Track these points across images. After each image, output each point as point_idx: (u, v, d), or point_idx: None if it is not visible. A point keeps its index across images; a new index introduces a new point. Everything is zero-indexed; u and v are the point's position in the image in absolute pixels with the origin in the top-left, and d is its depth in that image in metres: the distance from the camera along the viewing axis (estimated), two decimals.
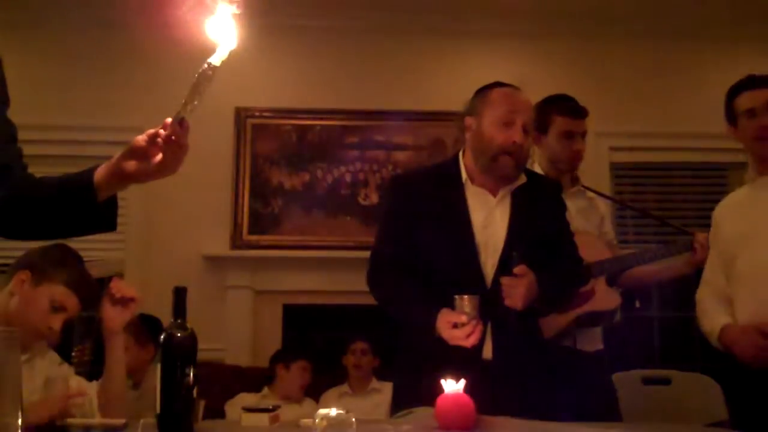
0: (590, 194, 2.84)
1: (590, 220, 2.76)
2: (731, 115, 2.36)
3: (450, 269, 2.11)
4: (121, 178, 1.41)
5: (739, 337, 2.18)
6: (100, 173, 1.41)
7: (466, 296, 1.97)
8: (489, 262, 2.12)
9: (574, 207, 2.70)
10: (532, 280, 2.04)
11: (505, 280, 2.05)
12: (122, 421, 1.86)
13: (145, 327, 3.16)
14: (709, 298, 2.33)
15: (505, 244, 2.13)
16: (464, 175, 2.20)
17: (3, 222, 1.43)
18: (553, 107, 2.69)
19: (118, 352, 2.10)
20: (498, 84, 2.23)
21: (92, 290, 2.16)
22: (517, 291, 2.03)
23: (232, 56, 1.30)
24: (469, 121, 2.21)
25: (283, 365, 3.70)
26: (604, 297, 2.60)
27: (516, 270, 2.03)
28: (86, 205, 1.42)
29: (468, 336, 1.95)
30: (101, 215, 1.44)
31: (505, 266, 2.08)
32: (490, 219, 2.16)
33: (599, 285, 2.61)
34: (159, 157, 1.38)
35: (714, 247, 2.40)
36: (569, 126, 2.65)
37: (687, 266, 2.65)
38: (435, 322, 2.01)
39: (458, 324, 1.96)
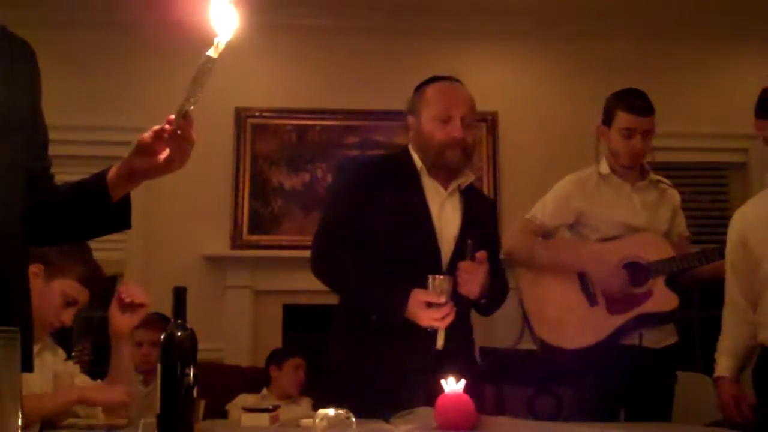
0: (663, 185, 2.78)
1: (659, 214, 2.70)
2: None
3: (408, 253, 2.07)
4: (130, 176, 1.45)
5: (722, 393, 2.38)
6: (111, 173, 1.46)
7: (440, 276, 1.93)
8: (444, 248, 2.11)
9: (640, 202, 2.67)
10: (487, 270, 2.02)
11: (464, 265, 2.01)
12: (124, 420, 1.87)
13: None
14: (729, 318, 2.43)
15: (459, 232, 2.12)
16: (419, 164, 2.20)
17: (28, 229, 1.45)
18: (618, 102, 2.65)
19: (125, 356, 2.10)
20: (434, 79, 2.23)
21: (103, 285, 2.16)
22: (475, 278, 2.00)
23: (232, 56, 1.30)
24: (410, 120, 2.24)
25: (275, 366, 3.70)
26: (662, 297, 2.54)
27: (478, 255, 2.01)
28: (101, 205, 1.46)
29: (444, 317, 1.92)
30: (116, 215, 1.49)
31: (459, 255, 2.06)
32: (443, 209, 2.16)
33: (657, 285, 2.55)
34: (166, 152, 1.40)
35: (732, 262, 2.42)
36: (630, 123, 2.60)
37: None
38: (405, 302, 1.95)
39: (434, 304, 1.92)
